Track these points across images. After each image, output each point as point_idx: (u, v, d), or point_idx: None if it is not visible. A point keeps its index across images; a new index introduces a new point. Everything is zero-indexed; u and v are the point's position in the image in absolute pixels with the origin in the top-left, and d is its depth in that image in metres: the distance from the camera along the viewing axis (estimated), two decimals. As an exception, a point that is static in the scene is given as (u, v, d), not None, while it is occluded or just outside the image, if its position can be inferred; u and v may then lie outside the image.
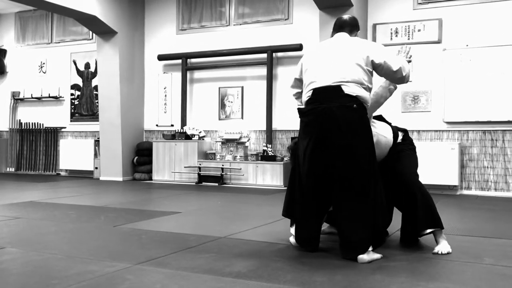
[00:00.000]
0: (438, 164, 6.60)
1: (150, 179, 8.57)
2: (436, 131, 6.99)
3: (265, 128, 8.01)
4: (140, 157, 8.76)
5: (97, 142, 9.09)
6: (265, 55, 7.99)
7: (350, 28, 3.32)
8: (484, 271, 2.74)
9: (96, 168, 9.06)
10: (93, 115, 9.50)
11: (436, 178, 6.58)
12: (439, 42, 6.99)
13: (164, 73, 9.00)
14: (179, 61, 8.70)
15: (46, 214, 4.71)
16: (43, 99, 9.99)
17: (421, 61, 7.02)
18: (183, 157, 8.22)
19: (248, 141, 8.11)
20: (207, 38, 8.61)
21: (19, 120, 10.26)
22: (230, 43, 8.37)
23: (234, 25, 8.46)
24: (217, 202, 5.77)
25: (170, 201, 5.88)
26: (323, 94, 3.06)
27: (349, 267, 2.79)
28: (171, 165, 8.32)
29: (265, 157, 7.67)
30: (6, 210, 4.90)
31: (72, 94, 9.75)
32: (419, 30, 7.08)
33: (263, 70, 8.08)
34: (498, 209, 5.37)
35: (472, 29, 6.81)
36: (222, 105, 8.50)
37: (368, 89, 3.11)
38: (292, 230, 3.33)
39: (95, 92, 9.43)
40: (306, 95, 3.17)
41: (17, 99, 10.24)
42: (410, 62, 3.36)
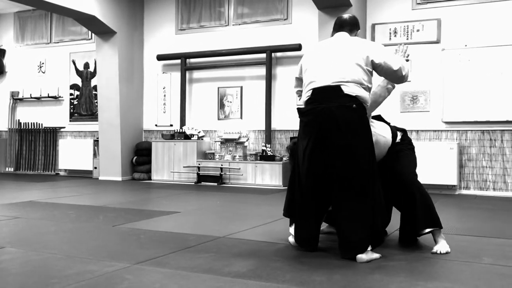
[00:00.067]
0: (437, 164, 6.61)
1: (149, 179, 8.57)
2: (435, 131, 7.00)
3: (264, 128, 8.02)
4: (139, 157, 8.76)
5: (96, 142, 9.08)
6: (264, 55, 7.99)
7: (350, 28, 3.32)
8: (483, 271, 2.75)
9: (95, 168, 9.07)
10: (92, 115, 9.50)
11: (435, 178, 6.59)
12: (438, 42, 7.00)
13: (163, 73, 9.00)
14: (178, 61, 8.70)
15: (46, 214, 4.71)
16: (42, 99, 9.99)
17: (420, 61, 7.03)
18: (182, 157, 8.22)
19: (247, 141, 8.11)
20: (206, 38, 8.62)
21: (18, 120, 10.26)
22: (229, 43, 8.37)
23: (233, 25, 8.46)
24: (216, 202, 5.78)
25: (169, 201, 5.88)
26: (323, 94, 3.06)
27: (348, 267, 2.80)
28: (170, 165, 8.32)
29: (264, 157, 7.67)
30: (6, 210, 4.90)
31: (71, 94, 9.75)
32: (418, 30, 7.09)
33: (262, 70, 8.09)
34: (497, 209, 5.38)
35: (471, 29, 6.82)
36: (221, 105, 8.50)
37: (368, 89, 3.11)
38: (291, 230, 3.33)
39: (94, 92, 9.43)
40: (306, 95, 3.17)
41: (16, 99, 10.24)
42: (408, 62, 3.37)
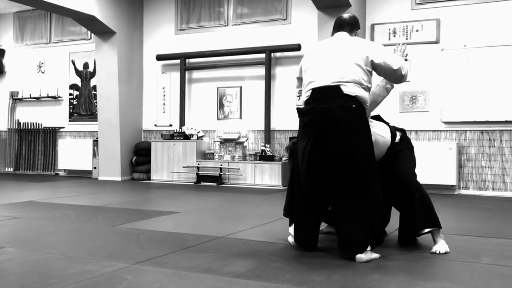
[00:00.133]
0: (436, 164, 6.61)
1: (149, 179, 8.57)
2: (434, 131, 7.00)
3: (264, 128, 8.02)
4: (139, 157, 8.76)
5: (96, 142, 9.08)
6: (264, 55, 7.99)
7: (350, 27, 3.33)
8: (482, 271, 2.75)
9: (95, 168, 9.06)
10: (92, 115, 9.50)
11: (434, 178, 6.60)
12: (437, 42, 7.00)
13: (163, 73, 9.00)
14: (178, 61, 8.70)
15: (45, 214, 4.71)
16: (42, 99, 9.99)
17: (419, 61, 7.03)
18: (182, 157, 8.22)
19: (247, 141, 8.11)
20: (206, 38, 8.62)
21: (18, 120, 10.25)
22: (229, 43, 8.37)
23: (233, 25, 8.46)
24: (216, 202, 5.78)
25: (169, 201, 5.88)
26: (322, 94, 3.06)
27: (347, 267, 2.80)
28: (170, 165, 8.32)
29: (264, 157, 7.67)
30: (5, 210, 4.90)
31: (71, 94, 9.75)
32: (417, 30, 7.09)
33: (262, 70, 8.09)
34: (496, 209, 5.38)
35: (470, 29, 6.83)
36: (221, 105, 8.50)
37: (367, 89, 3.11)
38: (291, 230, 3.33)
39: (94, 92, 9.43)
40: (305, 95, 3.17)
41: (16, 99, 10.23)
42: (407, 61, 3.37)
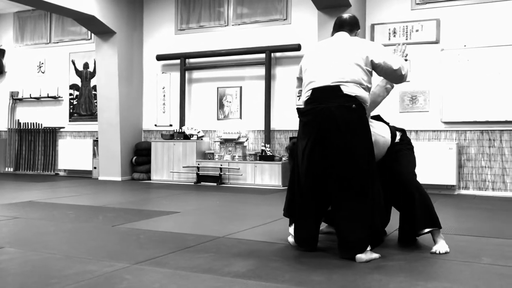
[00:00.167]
0: (436, 164, 6.61)
1: (149, 179, 8.57)
2: (434, 131, 7.00)
3: (264, 128, 8.02)
4: (139, 157, 8.76)
5: (96, 142, 9.08)
6: (264, 55, 7.99)
7: (350, 28, 3.33)
8: (482, 271, 2.75)
9: (95, 168, 9.06)
10: (92, 115, 9.50)
11: (434, 178, 6.60)
12: (437, 43, 7.00)
13: (163, 73, 9.00)
14: (178, 61, 8.70)
15: (45, 214, 4.71)
16: (42, 99, 9.99)
17: (419, 61, 7.03)
18: (182, 157, 8.22)
19: (247, 141, 8.11)
20: (206, 38, 8.62)
21: (18, 120, 10.25)
22: (229, 43, 8.37)
23: (233, 25, 8.46)
24: (216, 202, 5.78)
25: (169, 201, 5.89)
26: (322, 94, 3.06)
27: (347, 267, 2.80)
28: (170, 165, 8.32)
29: (264, 157, 7.67)
30: (5, 210, 4.90)
31: (71, 94, 9.75)
32: (417, 31, 7.09)
33: (262, 70, 8.09)
34: (496, 209, 5.38)
35: (470, 30, 6.83)
36: (221, 105, 8.50)
37: (367, 89, 3.11)
38: (291, 230, 3.33)
39: (94, 92, 9.43)
40: (305, 95, 3.17)
41: (16, 99, 10.24)
42: (407, 61, 3.37)
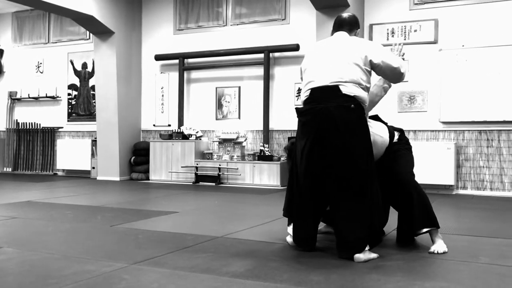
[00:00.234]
0: (434, 164, 6.62)
1: (147, 179, 8.56)
2: (432, 131, 7.01)
3: (262, 128, 8.02)
4: (137, 157, 8.76)
5: (94, 142, 9.08)
6: (262, 55, 8.00)
7: (349, 27, 3.34)
8: (480, 270, 2.75)
9: (93, 168, 9.06)
10: (90, 115, 9.49)
11: (432, 178, 6.60)
12: (435, 43, 7.01)
13: (161, 73, 9.00)
14: (176, 61, 8.70)
15: (43, 214, 4.71)
16: (40, 99, 9.98)
17: (417, 62, 7.04)
18: (180, 157, 8.22)
19: (245, 141, 8.12)
20: (204, 38, 8.62)
21: (16, 120, 10.24)
22: (227, 43, 8.37)
23: (231, 25, 8.46)
24: (214, 202, 5.78)
25: (167, 201, 5.88)
26: (321, 94, 3.07)
27: (346, 267, 2.81)
28: (168, 165, 8.32)
29: (262, 157, 7.68)
30: (3, 210, 4.90)
31: (69, 94, 9.74)
32: (415, 31, 7.10)
33: (260, 70, 8.09)
34: (494, 209, 5.39)
35: (468, 30, 6.83)
36: (219, 105, 8.51)
37: (366, 89, 3.12)
38: (290, 230, 3.33)
39: (92, 92, 9.42)
40: (304, 95, 3.18)
41: (14, 99, 10.23)
42: (404, 61, 3.38)
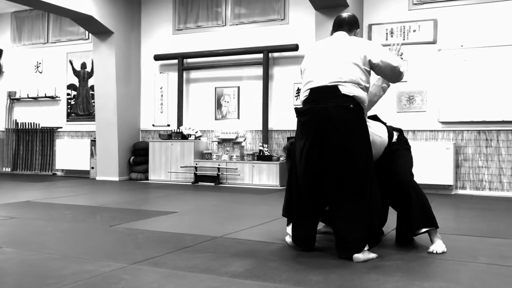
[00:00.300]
0: (433, 164, 6.62)
1: (147, 179, 8.56)
2: (431, 131, 7.02)
3: (261, 128, 8.02)
4: (137, 157, 8.75)
5: (94, 142, 9.08)
6: (261, 55, 8.00)
7: (349, 27, 3.34)
8: (479, 270, 2.76)
9: (93, 168, 9.06)
10: (90, 115, 9.49)
11: (431, 178, 6.61)
12: (434, 43, 7.02)
13: (161, 73, 9.00)
14: (176, 61, 8.70)
15: (42, 214, 4.71)
16: (39, 99, 9.98)
17: (416, 62, 7.04)
18: (180, 157, 8.22)
19: (244, 141, 8.12)
20: (204, 38, 8.62)
21: (15, 120, 10.23)
22: (227, 43, 8.37)
23: (231, 25, 8.46)
24: (213, 202, 5.78)
25: (167, 201, 5.89)
26: (320, 94, 3.07)
27: (345, 267, 2.81)
28: (168, 165, 8.32)
29: (261, 157, 7.68)
30: (2, 210, 4.90)
31: (69, 94, 9.74)
32: (414, 31, 7.10)
33: (259, 70, 8.09)
34: (493, 209, 5.39)
35: (467, 30, 6.84)
36: (219, 105, 8.51)
37: (365, 89, 3.12)
38: (289, 230, 3.34)
39: (92, 92, 9.42)
40: (303, 95, 3.18)
41: (13, 99, 10.22)
42: (403, 60, 3.38)
